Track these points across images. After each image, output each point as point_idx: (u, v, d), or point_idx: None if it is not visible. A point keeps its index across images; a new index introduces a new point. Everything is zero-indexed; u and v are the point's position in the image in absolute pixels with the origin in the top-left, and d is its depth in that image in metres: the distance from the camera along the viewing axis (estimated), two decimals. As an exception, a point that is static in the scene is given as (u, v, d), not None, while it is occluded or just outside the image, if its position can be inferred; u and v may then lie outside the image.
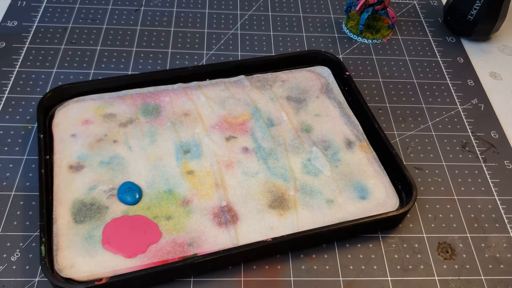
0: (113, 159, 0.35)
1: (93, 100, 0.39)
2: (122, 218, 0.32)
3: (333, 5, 0.53)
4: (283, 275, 0.32)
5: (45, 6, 0.48)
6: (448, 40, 0.50)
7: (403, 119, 0.42)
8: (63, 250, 0.30)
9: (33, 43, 0.45)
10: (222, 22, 0.49)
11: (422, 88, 0.45)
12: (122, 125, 0.37)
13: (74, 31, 0.46)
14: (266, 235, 0.32)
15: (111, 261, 0.30)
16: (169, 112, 0.39)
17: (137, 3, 0.50)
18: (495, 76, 0.48)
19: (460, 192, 0.37)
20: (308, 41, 0.48)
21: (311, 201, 0.34)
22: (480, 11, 0.47)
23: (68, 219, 0.32)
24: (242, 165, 0.36)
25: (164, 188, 0.34)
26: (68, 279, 0.29)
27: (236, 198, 0.34)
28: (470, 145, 0.41)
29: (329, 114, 0.40)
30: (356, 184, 0.35)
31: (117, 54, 0.45)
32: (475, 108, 0.44)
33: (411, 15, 0.53)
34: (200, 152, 0.36)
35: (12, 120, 0.39)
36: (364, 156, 0.37)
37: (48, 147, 0.36)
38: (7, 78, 0.42)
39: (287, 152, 0.37)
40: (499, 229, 0.36)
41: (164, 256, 0.30)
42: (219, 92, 0.41)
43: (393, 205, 0.34)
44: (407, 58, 0.48)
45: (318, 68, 0.43)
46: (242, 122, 0.39)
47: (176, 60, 0.45)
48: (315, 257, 0.33)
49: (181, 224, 0.32)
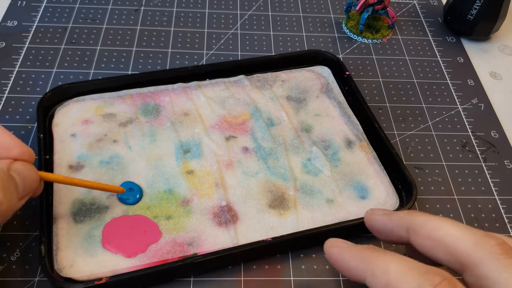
0: (113, 159, 0.35)
1: (93, 100, 0.39)
2: (122, 218, 0.32)
3: (333, 5, 0.53)
4: (283, 275, 0.32)
5: (45, 6, 0.48)
6: (448, 40, 0.50)
7: (403, 119, 0.42)
8: (63, 250, 0.30)
9: (33, 43, 0.45)
10: (222, 22, 0.49)
11: (422, 88, 0.45)
12: (122, 125, 0.37)
13: (74, 31, 0.46)
14: (266, 235, 0.32)
15: (111, 261, 0.30)
16: (169, 112, 0.39)
17: (137, 3, 0.50)
18: (495, 76, 0.48)
19: (460, 191, 0.37)
20: (308, 41, 0.48)
21: (311, 201, 0.34)
22: (480, 11, 0.47)
23: (68, 219, 0.32)
24: (242, 165, 0.36)
25: (164, 188, 0.34)
26: (68, 278, 0.29)
27: (236, 198, 0.34)
28: (470, 145, 0.41)
29: (329, 114, 0.40)
30: (356, 184, 0.35)
31: (117, 54, 0.45)
32: (475, 108, 0.44)
33: (411, 15, 0.53)
34: (200, 152, 0.36)
35: (12, 120, 0.39)
36: (364, 156, 0.37)
37: (48, 147, 0.35)
38: (7, 78, 0.42)
39: (287, 152, 0.37)
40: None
41: (164, 256, 0.30)
42: (219, 92, 0.41)
43: (393, 204, 0.34)
44: (407, 58, 0.48)
45: (318, 68, 0.43)
46: (242, 122, 0.39)
47: (176, 60, 0.45)
48: (315, 257, 0.33)
49: (181, 223, 0.32)
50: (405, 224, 0.26)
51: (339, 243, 0.27)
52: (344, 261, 0.26)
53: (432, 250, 0.25)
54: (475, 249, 0.23)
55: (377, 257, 0.24)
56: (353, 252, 0.26)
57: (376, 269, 0.23)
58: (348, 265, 0.25)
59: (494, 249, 0.23)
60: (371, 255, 0.24)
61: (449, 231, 0.24)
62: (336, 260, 0.26)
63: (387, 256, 0.24)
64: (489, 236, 0.24)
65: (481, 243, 0.23)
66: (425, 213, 0.27)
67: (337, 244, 0.27)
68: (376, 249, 0.25)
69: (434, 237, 0.25)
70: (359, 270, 0.24)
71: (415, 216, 0.26)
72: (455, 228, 0.24)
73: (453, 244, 0.24)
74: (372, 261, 0.24)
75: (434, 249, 0.25)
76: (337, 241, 0.27)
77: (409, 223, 0.26)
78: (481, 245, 0.23)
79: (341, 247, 0.26)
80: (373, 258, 0.24)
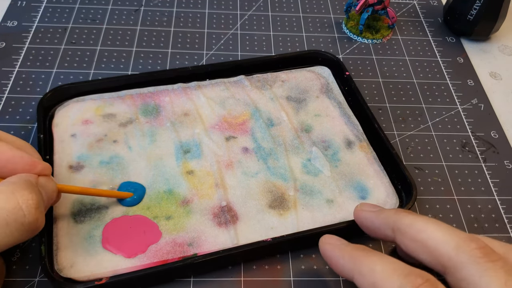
0: (113, 159, 0.35)
1: (93, 100, 0.39)
2: (122, 218, 0.32)
3: (333, 5, 0.53)
4: (283, 275, 0.32)
5: (45, 6, 0.48)
6: (448, 40, 0.50)
7: (403, 119, 0.42)
8: (63, 250, 0.30)
9: (33, 43, 0.45)
10: (222, 22, 0.49)
11: (422, 88, 0.45)
12: (122, 125, 0.37)
13: (74, 31, 0.46)
14: (266, 235, 0.32)
15: (111, 261, 0.30)
16: (169, 112, 0.39)
17: (137, 3, 0.50)
18: (495, 76, 0.48)
19: (460, 192, 0.37)
20: (308, 41, 0.48)
21: (311, 201, 0.34)
22: (480, 11, 0.47)
23: (68, 219, 0.32)
24: (242, 165, 0.36)
25: (164, 188, 0.34)
26: (68, 279, 0.29)
27: (236, 198, 0.34)
28: (470, 145, 0.41)
29: (329, 114, 0.40)
30: (356, 184, 0.35)
31: (117, 54, 0.45)
32: (475, 108, 0.44)
33: (411, 15, 0.53)
34: (200, 152, 0.36)
35: (12, 120, 0.39)
36: (364, 156, 0.37)
37: (48, 147, 0.36)
38: (7, 78, 0.42)
39: (287, 152, 0.37)
40: (499, 229, 0.36)
41: (164, 256, 0.30)
42: (219, 92, 0.41)
43: (393, 205, 0.34)
44: (407, 58, 0.48)
45: (318, 68, 0.43)
46: (242, 122, 0.39)
47: (176, 60, 0.45)
48: (315, 257, 0.33)
49: (181, 224, 0.32)
50: (391, 224, 0.27)
51: (332, 240, 0.28)
52: (334, 258, 0.27)
53: (416, 251, 0.26)
54: (456, 252, 0.24)
55: (365, 256, 0.25)
56: (343, 250, 0.27)
57: (364, 269, 0.25)
58: (338, 262, 0.27)
59: (475, 252, 0.23)
60: (360, 254, 0.26)
61: (432, 234, 0.25)
62: (328, 257, 0.28)
63: (374, 257, 0.25)
64: (471, 239, 0.24)
65: (463, 246, 0.24)
66: (412, 213, 0.27)
67: (331, 241, 0.28)
68: (366, 249, 0.26)
69: (418, 239, 0.26)
70: (348, 268, 0.26)
71: (401, 217, 0.27)
72: (438, 231, 0.25)
73: (435, 247, 0.25)
74: (360, 261, 0.25)
75: (417, 251, 0.26)
76: (331, 238, 0.28)
77: (395, 223, 0.27)
78: (462, 248, 0.24)
79: (334, 244, 0.28)
80: (362, 258, 0.25)
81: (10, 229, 0.24)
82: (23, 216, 0.24)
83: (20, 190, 0.24)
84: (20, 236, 0.24)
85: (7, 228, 0.24)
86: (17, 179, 0.26)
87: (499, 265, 0.23)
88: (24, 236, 0.25)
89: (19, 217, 0.24)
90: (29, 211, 0.24)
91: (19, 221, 0.24)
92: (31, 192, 0.25)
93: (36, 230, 0.25)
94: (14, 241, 0.24)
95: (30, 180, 0.26)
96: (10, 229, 0.24)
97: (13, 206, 0.24)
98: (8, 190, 0.24)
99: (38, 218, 0.25)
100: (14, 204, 0.24)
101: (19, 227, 0.24)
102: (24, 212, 0.24)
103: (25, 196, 0.24)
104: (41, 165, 0.28)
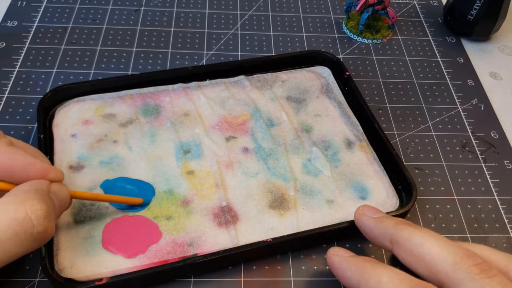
0: (113, 159, 0.35)
1: (93, 100, 0.39)
2: (122, 218, 0.32)
3: (333, 5, 0.53)
4: (283, 275, 0.32)
5: (45, 6, 0.48)
6: (448, 40, 0.50)
7: (403, 119, 0.42)
8: (63, 250, 0.30)
9: (33, 43, 0.45)
10: (222, 22, 0.49)
11: (422, 88, 0.45)
12: (122, 125, 0.37)
13: (74, 31, 0.46)
14: (266, 235, 0.32)
15: (111, 261, 0.30)
16: (169, 112, 0.39)
17: (137, 3, 0.50)
18: (495, 76, 0.48)
19: (460, 192, 0.38)
20: (308, 41, 0.48)
21: (311, 201, 0.34)
22: (480, 11, 0.47)
23: (69, 220, 0.32)
24: (242, 165, 0.36)
25: (164, 188, 0.34)
26: (68, 279, 0.29)
27: (236, 199, 0.34)
28: (470, 145, 0.41)
29: (329, 114, 0.40)
30: (356, 184, 0.35)
31: (117, 54, 0.45)
32: (475, 108, 0.44)
33: (411, 15, 0.53)
34: (200, 152, 0.36)
35: (12, 120, 0.39)
36: (364, 156, 0.37)
37: (48, 147, 0.36)
38: (7, 78, 0.42)
39: (287, 152, 0.37)
40: (499, 229, 0.36)
41: (164, 256, 0.30)
42: (219, 92, 0.41)
43: (393, 205, 0.34)
44: (407, 58, 0.48)
45: (318, 68, 0.43)
46: (242, 122, 0.39)
47: (176, 60, 0.45)
48: (315, 257, 0.33)
49: (181, 224, 0.32)
50: (389, 236, 0.28)
51: (341, 252, 0.29)
52: (342, 270, 0.27)
53: (413, 265, 0.27)
54: (453, 269, 0.24)
55: (372, 268, 0.26)
56: (351, 262, 0.27)
57: (370, 280, 0.25)
58: (345, 273, 0.27)
59: (472, 269, 0.24)
60: (367, 266, 0.26)
61: (429, 249, 0.25)
62: (336, 268, 0.28)
63: (380, 269, 0.25)
64: (468, 256, 0.25)
65: (459, 263, 0.24)
66: (411, 225, 0.28)
67: (338, 253, 0.28)
68: (373, 261, 0.26)
69: (416, 253, 0.26)
70: (355, 279, 0.26)
71: (400, 229, 0.27)
72: (436, 247, 0.25)
73: (433, 263, 0.25)
74: (367, 272, 0.26)
75: (415, 265, 0.26)
76: (339, 250, 0.29)
77: (393, 235, 0.27)
78: (459, 265, 0.24)
79: (342, 256, 0.28)
80: (368, 270, 0.26)
81: (20, 239, 0.24)
82: (32, 227, 0.24)
83: (30, 200, 0.24)
84: (30, 246, 0.24)
85: (16, 238, 0.24)
86: (29, 187, 0.25)
87: (496, 280, 0.23)
88: (33, 246, 0.25)
89: (28, 227, 0.24)
90: (38, 221, 0.24)
91: (28, 231, 0.24)
92: (41, 202, 0.25)
93: (45, 239, 0.25)
94: (24, 250, 0.24)
95: (42, 188, 0.26)
96: (20, 239, 0.24)
97: (23, 216, 0.24)
98: (17, 200, 0.24)
99: (47, 228, 0.25)
100: (23, 215, 0.24)
101: (29, 237, 0.24)
102: (34, 222, 0.24)
103: (34, 206, 0.24)
104: (54, 171, 0.27)
